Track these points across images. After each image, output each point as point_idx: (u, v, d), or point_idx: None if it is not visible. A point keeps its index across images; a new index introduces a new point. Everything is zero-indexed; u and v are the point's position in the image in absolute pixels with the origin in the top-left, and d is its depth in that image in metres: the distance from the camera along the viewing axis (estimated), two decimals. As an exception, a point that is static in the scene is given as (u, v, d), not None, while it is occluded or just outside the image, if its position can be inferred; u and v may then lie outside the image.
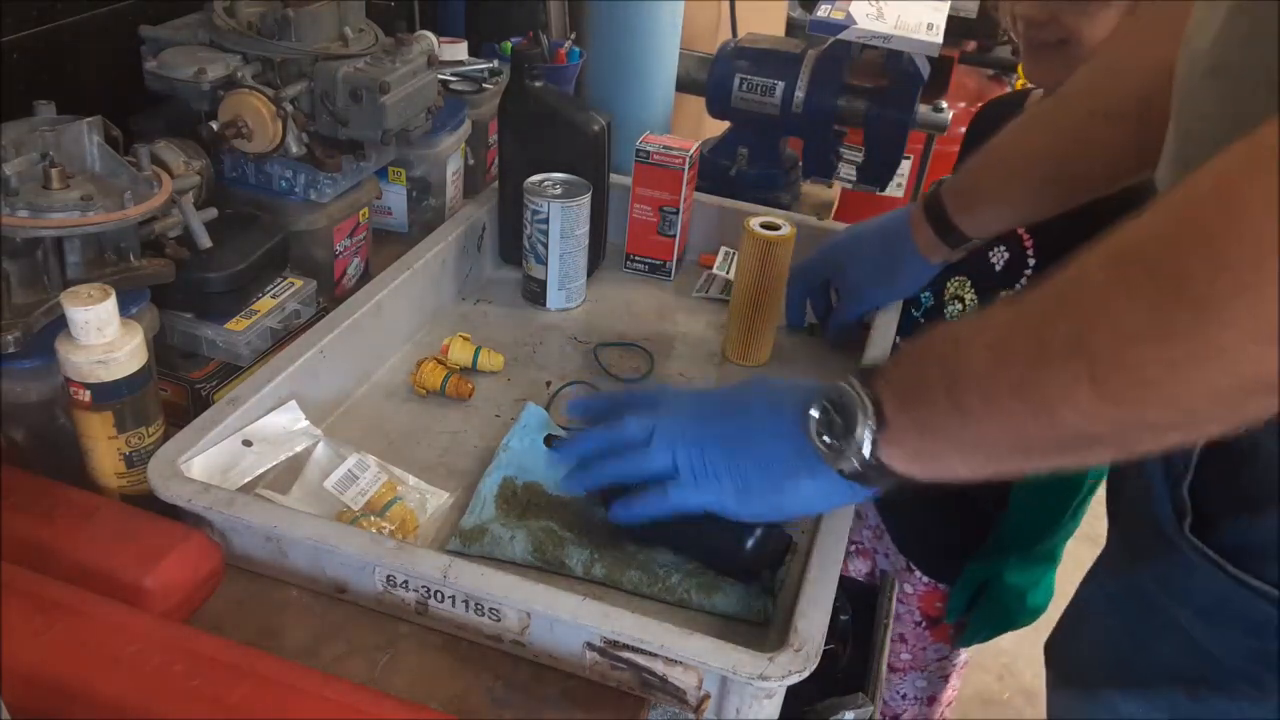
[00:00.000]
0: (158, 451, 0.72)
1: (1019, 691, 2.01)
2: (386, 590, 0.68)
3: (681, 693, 0.63)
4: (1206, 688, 0.63)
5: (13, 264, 0.73)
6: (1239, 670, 0.61)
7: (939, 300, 1.20)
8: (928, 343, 0.56)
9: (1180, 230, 0.43)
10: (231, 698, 0.54)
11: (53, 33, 0.92)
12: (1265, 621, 0.58)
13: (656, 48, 1.33)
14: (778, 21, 2.28)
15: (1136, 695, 0.67)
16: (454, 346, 0.94)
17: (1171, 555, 0.63)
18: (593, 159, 1.06)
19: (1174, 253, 0.43)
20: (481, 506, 0.77)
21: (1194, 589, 0.62)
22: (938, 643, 1.32)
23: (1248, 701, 0.61)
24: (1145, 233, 0.45)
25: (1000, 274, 1.15)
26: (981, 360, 0.51)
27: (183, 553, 0.65)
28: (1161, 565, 0.65)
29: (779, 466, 0.64)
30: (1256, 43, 0.54)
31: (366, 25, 0.99)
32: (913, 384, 0.56)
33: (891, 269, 0.97)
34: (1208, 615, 0.62)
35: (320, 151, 0.94)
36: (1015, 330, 0.50)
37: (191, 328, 0.86)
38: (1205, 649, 0.62)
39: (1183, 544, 0.62)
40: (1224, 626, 0.61)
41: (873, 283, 0.99)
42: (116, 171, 0.78)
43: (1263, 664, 0.60)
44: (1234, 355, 0.41)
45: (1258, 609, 0.59)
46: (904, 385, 0.57)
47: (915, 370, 0.57)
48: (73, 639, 0.56)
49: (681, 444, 0.67)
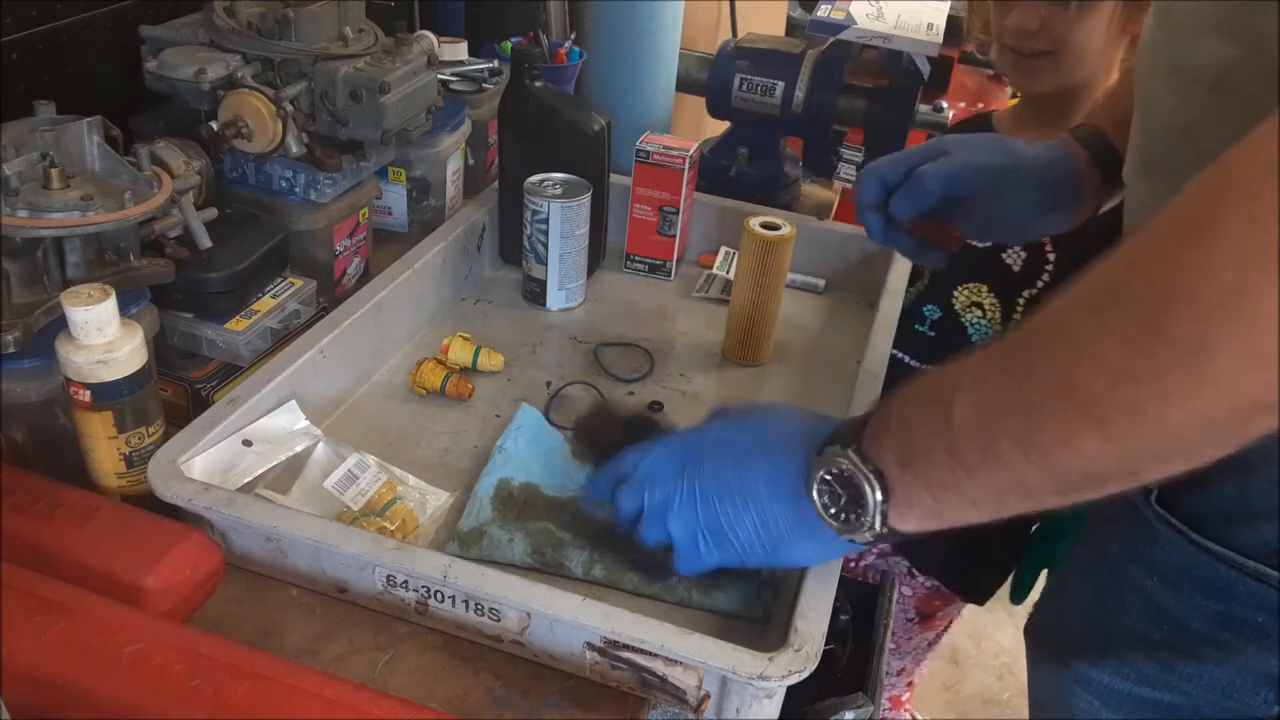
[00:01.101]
0: (158, 451, 0.72)
1: (1019, 691, 2.01)
2: (386, 590, 0.68)
3: (681, 693, 0.63)
4: (1171, 652, 0.65)
5: (13, 264, 0.73)
6: (1202, 633, 0.63)
7: (949, 312, 1.19)
8: (916, 401, 0.55)
9: (1152, 269, 0.43)
10: (231, 698, 0.54)
11: (53, 33, 0.92)
12: (1226, 586, 0.61)
13: (656, 48, 1.33)
14: (778, 21, 2.28)
15: (1106, 664, 0.69)
16: (454, 346, 0.94)
17: (1139, 525, 0.66)
18: (593, 159, 1.06)
19: (1149, 291, 0.43)
20: (478, 509, 0.77)
21: (1160, 557, 0.65)
22: (924, 632, 1.34)
23: (1212, 663, 0.63)
24: (1119, 273, 0.45)
25: (1019, 275, 1.15)
26: (972, 421, 0.50)
27: (183, 553, 0.65)
28: (1130, 534, 0.67)
29: (779, 526, 0.62)
30: (1202, 38, 0.55)
31: (366, 25, 0.99)
32: (912, 447, 0.55)
33: (1049, 204, 0.83)
34: (1172, 582, 0.64)
35: (320, 151, 0.94)
36: (1001, 384, 0.49)
37: (191, 328, 0.86)
38: (1171, 614, 0.65)
39: (1149, 514, 0.65)
40: (1188, 592, 0.63)
41: (1029, 213, 0.83)
42: (116, 171, 0.78)
43: (1225, 627, 0.62)
44: (1226, 384, 0.41)
45: (1218, 574, 0.61)
46: (903, 449, 0.55)
47: (910, 433, 0.55)
48: (73, 639, 0.56)
49: (674, 520, 0.65)
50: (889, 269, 1.07)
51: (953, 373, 0.53)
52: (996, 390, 0.49)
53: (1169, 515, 0.63)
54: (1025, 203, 0.82)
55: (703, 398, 0.95)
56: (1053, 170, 0.82)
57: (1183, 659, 0.64)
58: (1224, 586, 0.61)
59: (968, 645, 2.11)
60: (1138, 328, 0.43)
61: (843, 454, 0.57)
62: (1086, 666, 0.70)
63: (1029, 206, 0.83)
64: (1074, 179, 0.82)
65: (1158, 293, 0.43)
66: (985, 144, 0.84)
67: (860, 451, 0.57)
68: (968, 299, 1.18)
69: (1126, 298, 0.44)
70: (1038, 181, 0.82)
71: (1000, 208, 0.82)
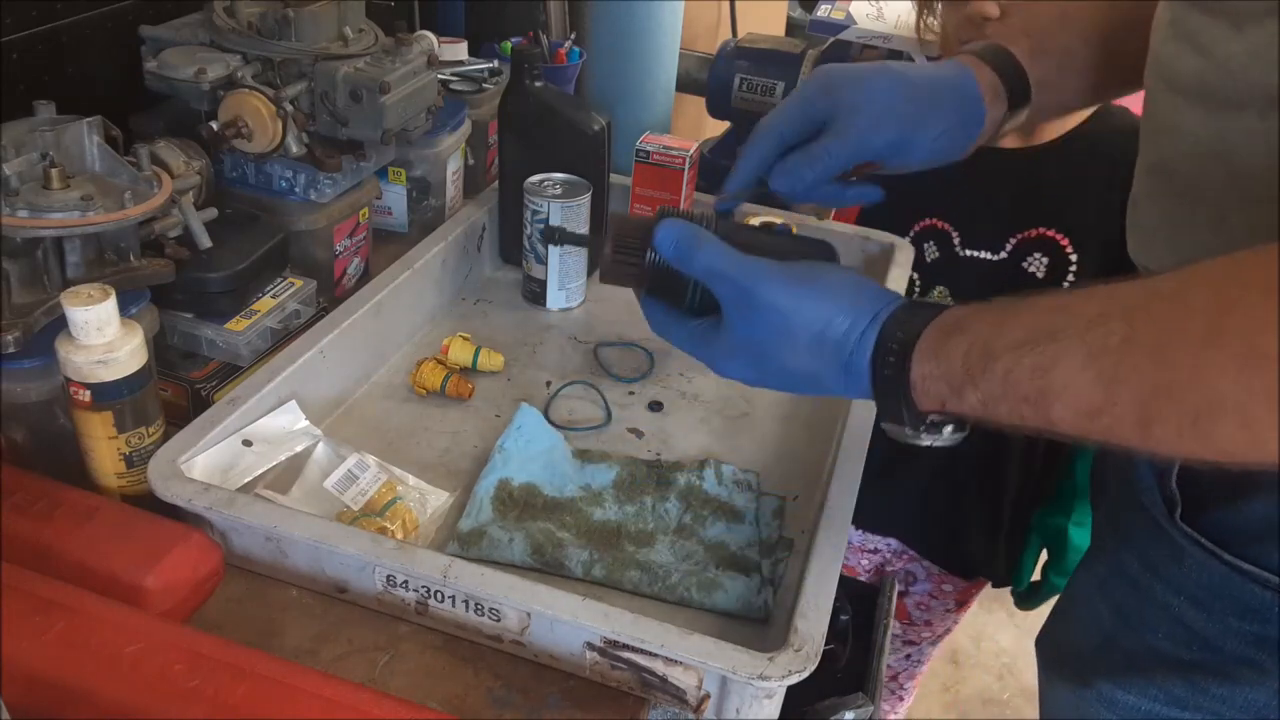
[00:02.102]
0: (158, 451, 0.72)
1: (1019, 691, 2.01)
2: (386, 590, 0.68)
3: (681, 693, 0.63)
4: (1202, 673, 0.63)
5: (13, 264, 0.73)
6: (1236, 654, 0.61)
7: None
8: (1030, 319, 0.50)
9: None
10: (231, 698, 0.54)
11: (53, 33, 0.92)
12: (1261, 606, 0.58)
13: (656, 48, 1.33)
14: (778, 21, 2.28)
15: (1131, 684, 0.67)
16: (454, 346, 0.94)
17: (1162, 542, 0.63)
18: (593, 159, 1.06)
19: None
20: (478, 509, 0.77)
21: (1187, 576, 0.62)
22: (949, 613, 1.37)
23: (1247, 685, 0.61)
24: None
25: (1044, 281, 1.15)
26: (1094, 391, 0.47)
27: (183, 553, 0.65)
28: (1152, 551, 0.65)
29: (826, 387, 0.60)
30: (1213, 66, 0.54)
31: (366, 25, 0.99)
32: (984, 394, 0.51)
33: (938, 116, 0.73)
34: (1201, 602, 0.62)
35: (320, 151, 0.94)
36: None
37: (191, 328, 0.86)
38: (1201, 634, 0.62)
39: (1174, 531, 0.62)
40: (1219, 613, 0.61)
41: (910, 129, 0.72)
42: (116, 171, 0.78)
43: (1261, 648, 0.59)
44: None
45: (1252, 594, 0.59)
46: (983, 395, 0.51)
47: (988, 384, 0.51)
48: (73, 639, 0.56)
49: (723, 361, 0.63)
50: (889, 269, 1.07)
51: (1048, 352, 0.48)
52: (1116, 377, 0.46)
53: (1196, 534, 0.61)
54: (929, 148, 0.74)
55: (703, 398, 0.95)
56: (959, 110, 0.74)
57: (1215, 680, 0.62)
58: (1259, 607, 0.59)
59: (968, 645, 2.11)
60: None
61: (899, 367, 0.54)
62: (1110, 686, 0.68)
63: (932, 150, 0.75)
64: (977, 104, 0.75)
65: None
66: (880, 105, 0.71)
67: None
68: None
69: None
70: (942, 128, 0.74)
71: (903, 161, 0.75)
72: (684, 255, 0.62)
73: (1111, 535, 0.72)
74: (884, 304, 0.57)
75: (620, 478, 0.81)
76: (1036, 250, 1.15)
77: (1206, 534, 0.60)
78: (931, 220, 1.16)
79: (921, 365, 0.53)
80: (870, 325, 0.56)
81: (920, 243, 1.16)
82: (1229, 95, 0.57)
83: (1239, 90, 0.56)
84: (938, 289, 1.19)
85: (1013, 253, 1.15)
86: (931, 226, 1.16)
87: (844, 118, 0.69)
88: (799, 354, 0.58)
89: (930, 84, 0.73)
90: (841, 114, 0.70)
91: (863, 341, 0.56)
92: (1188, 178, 0.61)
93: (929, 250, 1.17)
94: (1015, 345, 0.49)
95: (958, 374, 0.52)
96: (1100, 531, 0.74)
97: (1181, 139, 0.61)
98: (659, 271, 0.63)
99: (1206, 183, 0.60)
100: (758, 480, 0.83)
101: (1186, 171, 0.62)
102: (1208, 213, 0.60)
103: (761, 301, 0.59)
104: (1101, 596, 0.71)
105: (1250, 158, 0.56)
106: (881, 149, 0.71)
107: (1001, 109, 0.75)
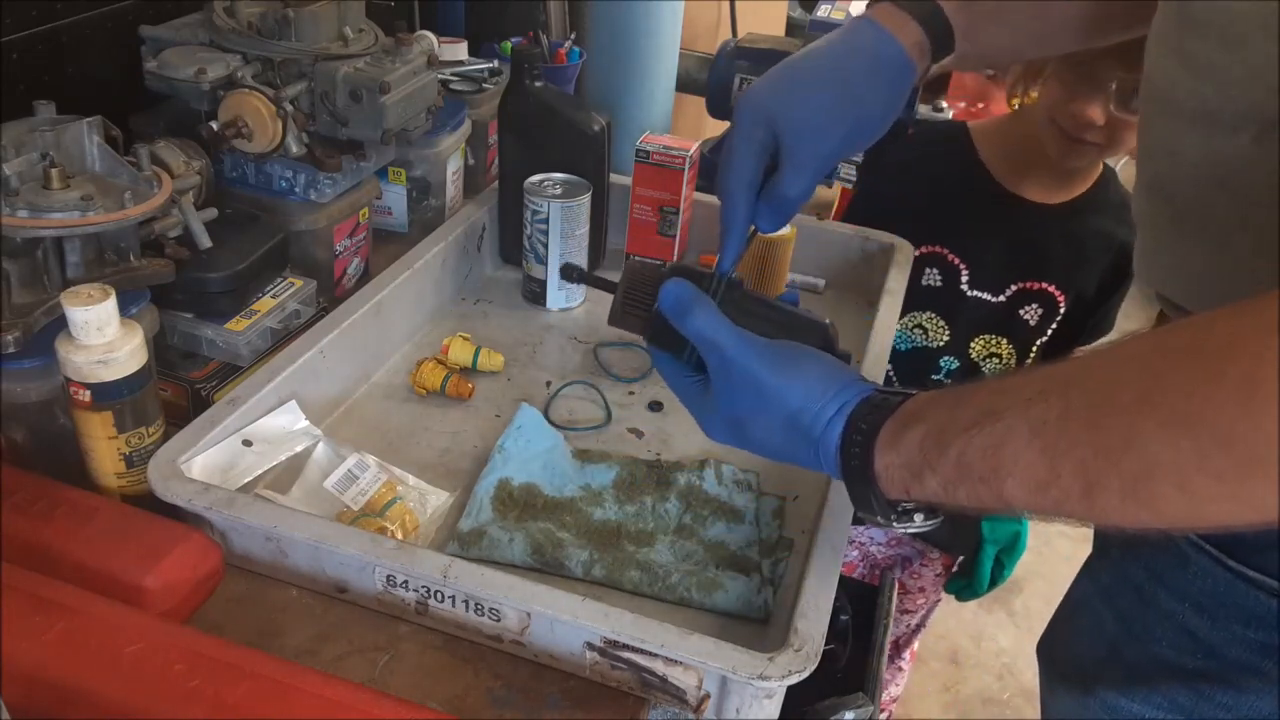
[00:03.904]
0: (158, 451, 0.72)
1: (1019, 691, 2.01)
2: (386, 590, 0.68)
3: (681, 693, 0.63)
4: (1207, 681, 0.63)
5: (13, 264, 0.73)
6: (1242, 663, 0.61)
7: (966, 362, 1.22)
8: (969, 404, 0.52)
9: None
10: (231, 698, 0.54)
11: (53, 33, 0.92)
12: (1267, 614, 0.59)
13: (656, 48, 1.33)
14: (778, 21, 2.28)
15: (1135, 693, 0.67)
16: (454, 346, 0.94)
17: (1166, 549, 0.63)
18: (593, 159, 1.06)
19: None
20: (478, 509, 0.77)
21: (1191, 584, 0.62)
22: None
23: (1253, 694, 0.61)
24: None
25: (1035, 328, 1.19)
26: (1039, 468, 0.48)
27: (183, 553, 0.65)
28: (1156, 558, 0.65)
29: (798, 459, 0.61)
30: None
31: (366, 25, 0.99)
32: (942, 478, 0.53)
33: (875, 96, 0.71)
34: (1206, 609, 0.62)
35: (320, 151, 0.94)
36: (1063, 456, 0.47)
37: (191, 328, 0.86)
38: (1206, 642, 0.62)
39: (1179, 539, 0.62)
40: (1224, 620, 0.61)
41: (839, 113, 0.70)
42: (116, 171, 0.78)
43: (1267, 656, 0.59)
44: None
45: (1257, 602, 0.59)
46: (941, 480, 0.53)
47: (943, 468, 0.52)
48: (73, 639, 0.56)
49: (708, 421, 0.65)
50: (889, 269, 1.07)
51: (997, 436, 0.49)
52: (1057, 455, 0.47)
53: (1201, 541, 0.61)
54: (880, 123, 0.74)
55: (703, 398, 0.95)
56: (893, 84, 0.73)
57: (1221, 689, 0.62)
58: (1264, 615, 0.59)
59: (968, 645, 2.11)
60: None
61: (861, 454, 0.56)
62: (1114, 695, 0.68)
63: (884, 121, 0.74)
64: (908, 71, 0.73)
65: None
66: (818, 115, 0.70)
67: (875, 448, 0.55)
68: (983, 349, 1.21)
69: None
70: (883, 104, 0.73)
71: (863, 144, 0.74)
72: (680, 316, 0.64)
73: (1116, 543, 0.71)
74: (852, 396, 0.58)
75: (620, 478, 0.82)
76: (1034, 301, 1.18)
77: (1211, 541, 0.61)
78: (941, 249, 1.18)
79: (884, 456, 0.55)
80: (837, 416, 0.58)
81: (922, 266, 1.17)
82: (1225, 117, 0.57)
83: (1235, 113, 0.56)
84: (928, 313, 1.20)
85: (1011, 299, 1.18)
86: (940, 255, 1.18)
87: (790, 143, 0.69)
88: (774, 431, 0.60)
89: (857, 67, 0.71)
90: (787, 139, 0.69)
91: (828, 432, 0.58)
92: (1187, 201, 0.62)
93: (930, 276, 1.18)
94: (966, 427, 0.51)
95: (916, 461, 0.53)
96: (1104, 539, 0.74)
97: (1178, 162, 0.61)
98: (661, 324, 0.66)
99: (1207, 206, 0.60)
100: (758, 480, 0.83)
101: (1185, 195, 0.62)
102: (1210, 236, 0.60)
103: (739, 377, 0.61)
104: (1105, 604, 0.71)
105: (1249, 180, 0.56)
106: (838, 150, 0.71)
107: (926, 63, 0.73)
